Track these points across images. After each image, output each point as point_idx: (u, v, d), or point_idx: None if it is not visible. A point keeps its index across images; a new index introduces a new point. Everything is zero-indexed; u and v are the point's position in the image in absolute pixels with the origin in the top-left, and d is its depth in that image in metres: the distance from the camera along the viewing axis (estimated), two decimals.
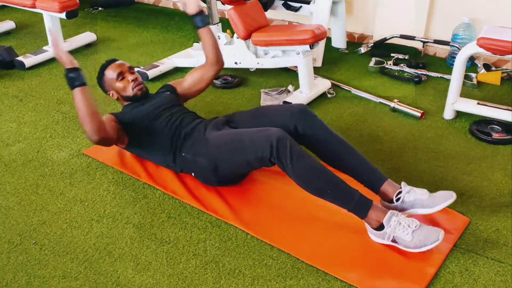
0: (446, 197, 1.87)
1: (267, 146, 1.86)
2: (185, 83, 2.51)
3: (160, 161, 2.29)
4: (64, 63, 2.04)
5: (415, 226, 1.77)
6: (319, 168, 1.86)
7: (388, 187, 1.94)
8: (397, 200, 1.91)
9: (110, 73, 2.35)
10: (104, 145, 2.20)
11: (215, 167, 2.07)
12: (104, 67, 2.39)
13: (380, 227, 1.81)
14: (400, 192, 1.92)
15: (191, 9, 2.35)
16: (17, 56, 3.53)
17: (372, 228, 1.83)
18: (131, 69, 2.38)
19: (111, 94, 2.38)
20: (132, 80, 2.33)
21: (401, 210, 1.90)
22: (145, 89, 2.37)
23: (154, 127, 2.22)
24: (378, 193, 1.96)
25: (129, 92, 2.33)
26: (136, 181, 2.28)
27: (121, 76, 2.33)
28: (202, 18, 2.39)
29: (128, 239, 1.94)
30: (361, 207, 1.82)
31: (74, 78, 2.03)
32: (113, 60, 2.40)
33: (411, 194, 1.90)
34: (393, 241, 1.79)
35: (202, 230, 1.98)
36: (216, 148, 2.05)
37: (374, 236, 1.84)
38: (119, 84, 2.33)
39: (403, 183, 1.95)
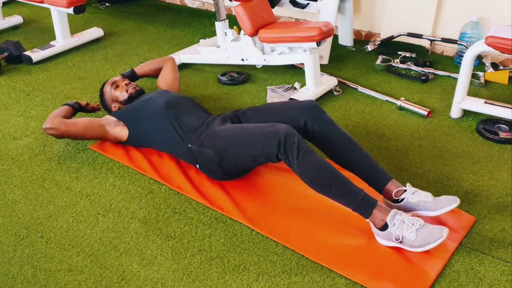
0: (450, 202, 1.87)
1: (275, 142, 1.86)
2: (160, 84, 2.80)
3: (160, 147, 2.39)
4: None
5: (419, 225, 1.76)
6: (325, 165, 1.86)
7: (392, 186, 1.94)
8: (401, 200, 1.90)
9: (107, 88, 2.57)
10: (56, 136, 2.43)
11: (220, 159, 2.08)
12: (101, 89, 2.63)
13: (384, 227, 1.80)
14: (404, 192, 1.91)
15: None
16: (25, 50, 3.54)
17: (376, 228, 1.83)
18: (123, 78, 2.63)
19: (113, 108, 2.55)
20: (125, 84, 2.55)
21: (404, 211, 1.89)
22: (139, 88, 2.56)
23: (151, 114, 2.34)
24: (382, 193, 1.96)
25: (125, 95, 2.52)
26: (141, 176, 2.29)
27: (115, 85, 2.55)
28: None
29: (133, 234, 1.95)
30: (365, 206, 1.81)
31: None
32: (106, 80, 2.65)
33: (415, 195, 1.90)
34: (398, 240, 1.78)
35: (207, 225, 1.98)
36: (224, 141, 2.06)
37: (380, 238, 1.84)
38: (115, 93, 2.53)
39: (408, 184, 1.94)
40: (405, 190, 1.92)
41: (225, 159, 2.07)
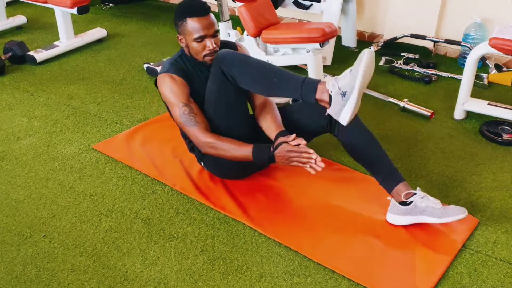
0: (458, 212, 1.86)
1: (217, 66, 1.94)
2: None
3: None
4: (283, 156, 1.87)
5: (349, 70, 1.81)
6: (263, 62, 1.95)
7: (402, 188, 1.92)
8: (409, 203, 1.90)
9: (192, 27, 1.99)
10: None
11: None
12: (190, 12, 2.00)
13: (330, 97, 1.80)
14: (413, 195, 1.90)
15: None
16: (29, 50, 3.55)
17: (327, 107, 1.82)
18: (215, 33, 2.03)
19: (179, 39, 2.08)
20: (209, 49, 2.01)
21: (411, 214, 1.89)
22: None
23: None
24: (391, 192, 1.94)
25: (199, 57, 2.04)
26: (145, 176, 2.29)
27: (201, 39, 2.00)
28: None
29: (136, 234, 1.95)
30: (309, 85, 1.84)
31: (263, 163, 1.97)
32: (203, 11, 1.99)
33: (424, 200, 1.89)
34: (342, 95, 1.77)
35: (210, 226, 1.99)
36: (208, 116, 2.05)
37: (335, 112, 1.81)
38: (194, 44, 2.01)
39: (418, 188, 1.94)
40: (415, 194, 1.91)
41: (213, 123, 2.03)
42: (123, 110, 2.89)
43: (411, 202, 1.89)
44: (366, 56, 1.76)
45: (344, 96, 1.77)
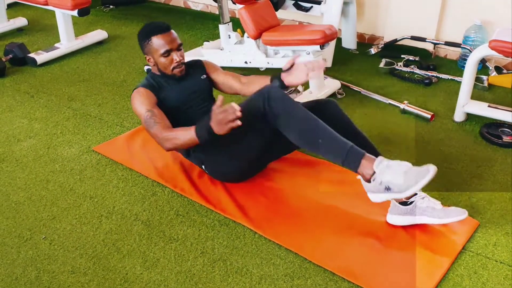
0: (458, 213, 1.88)
1: (260, 96, 1.92)
2: (218, 78, 2.36)
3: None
4: (215, 120, 1.83)
5: (406, 166, 1.78)
6: (311, 118, 1.88)
7: None
8: (410, 203, 1.90)
9: (157, 44, 2.13)
10: None
11: (223, 151, 2.08)
12: (153, 31, 2.15)
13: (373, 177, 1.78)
14: (414, 195, 1.90)
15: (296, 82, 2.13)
16: (29, 52, 3.56)
17: (365, 181, 1.82)
18: (179, 47, 2.18)
19: (148, 59, 2.21)
20: (176, 62, 2.16)
21: (411, 214, 1.90)
22: (184, 72, 2.22)
23: (182, 117, 2.16)
24: None
25: (169, 71, 2.18)
26: (145, 178, 2.29)
27: (167, 53, 2.14)
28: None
29: (136, 236, 1.95)
30: (354, 157, 1.82)
31: (205, 138, 1.92)
32: (165, 28, 2.15)
33: (424, 200, 1.90)
34: (387, 188, 1.76)
35: (210, 228, 1.99)
36: None
37: (371, 194, 1.82)
38: (162, 59, 2.15)
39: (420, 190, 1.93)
40: (415, 194, 1.91)
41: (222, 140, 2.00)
42: (124, 112, 2.90)
43: (411, 202, 1.89)
44: (431, 174, 1.74)
45: (388, 190, 1.78)
